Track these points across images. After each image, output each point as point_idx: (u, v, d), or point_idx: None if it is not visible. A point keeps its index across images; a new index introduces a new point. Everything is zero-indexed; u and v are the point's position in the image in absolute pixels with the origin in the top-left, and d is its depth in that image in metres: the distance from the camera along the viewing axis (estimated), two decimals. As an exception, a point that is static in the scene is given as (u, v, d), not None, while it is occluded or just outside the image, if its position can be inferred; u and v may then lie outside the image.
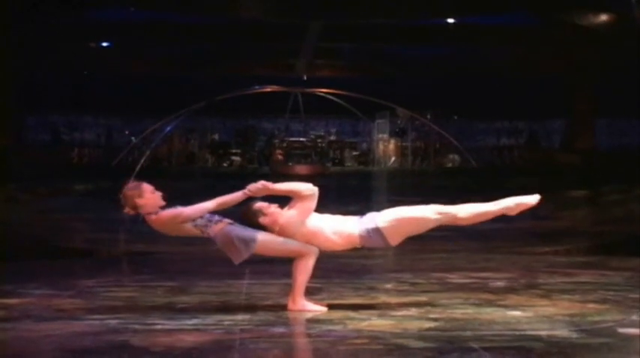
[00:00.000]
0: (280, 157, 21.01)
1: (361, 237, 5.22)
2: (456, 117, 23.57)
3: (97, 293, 6.08)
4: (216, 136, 23.30)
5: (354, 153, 22.84)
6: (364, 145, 23.60)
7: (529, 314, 5.06)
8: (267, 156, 21.96)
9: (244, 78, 20.92)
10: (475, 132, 24.08)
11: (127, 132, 22.66)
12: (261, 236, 5.16)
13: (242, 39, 20.54)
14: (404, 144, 22.46)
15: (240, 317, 4.96)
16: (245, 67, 22.86)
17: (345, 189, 16.46)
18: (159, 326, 4.67)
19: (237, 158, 22.12)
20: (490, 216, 5.31)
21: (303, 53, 21.50)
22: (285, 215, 5.22)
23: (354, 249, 5.43)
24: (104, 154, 21.48)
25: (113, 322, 4.79)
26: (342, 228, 5.24)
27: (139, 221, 5.16)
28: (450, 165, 22.06)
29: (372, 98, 17.33)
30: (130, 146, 19.93)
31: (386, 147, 22.55)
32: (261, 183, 5.19)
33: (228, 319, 4.87)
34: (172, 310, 5.25)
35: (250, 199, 5.25)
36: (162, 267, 7.13)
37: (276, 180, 5.29)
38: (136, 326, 4.66)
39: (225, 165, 21.89)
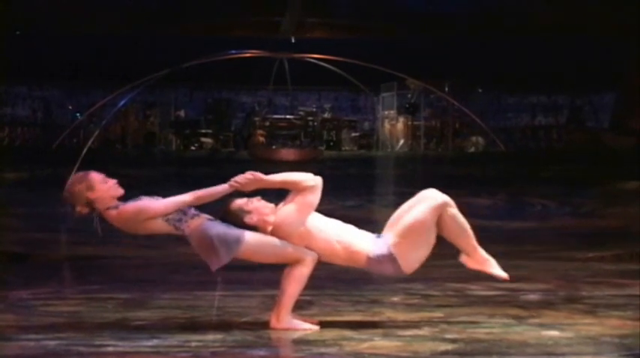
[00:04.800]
0: (262, 139, 21.01)
1: (370, 259, 5.20)
2: (480, 90, 23.57)
3: (32, 307, 6.10)
4: (182, 113, 23.27)
5: (354, 134, 22.84)
6: (366, 124, 23.62)
7: (569, 334, 5.11)
8: (245, 138, 21.96)
9: (217, 40, 20.86)
10: (504, 109, 24.10)
11: (70, 107, 22.60)
12: (249, 236, 5.17)
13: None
14: (415, 123, 22.47)
15: (210, 336, 4.99)
16: (218, 25, 22.80)
17: (342, 179, 16.46)
18: (110, 348, 4.70)
19: (207, 140, 22.10)
20: None
21: (290, 8, 21.46)
22: (282, 211, 5.22)
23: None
24: (42, 134, 21.43)
25: (52, 343, 4.81)
26: (350, 241, 5.23)
27: (92, 220, 5.15)
28: (472, 149, 22.09)
29: (376, 66, 17.28)
30: (74, 124, 19.87)
31: (393, 127, 22.58)
32: (250, 173, 5.19)
33: (195, 339, 4.90)
34: (126, 328, 5.28)
35: (233, 195, 5.24)
36: (115, 275, 7.15)
37: (256, 168, 5.29)
38: (81, 348, 4.68)
39: (193, 148, 21.88)
